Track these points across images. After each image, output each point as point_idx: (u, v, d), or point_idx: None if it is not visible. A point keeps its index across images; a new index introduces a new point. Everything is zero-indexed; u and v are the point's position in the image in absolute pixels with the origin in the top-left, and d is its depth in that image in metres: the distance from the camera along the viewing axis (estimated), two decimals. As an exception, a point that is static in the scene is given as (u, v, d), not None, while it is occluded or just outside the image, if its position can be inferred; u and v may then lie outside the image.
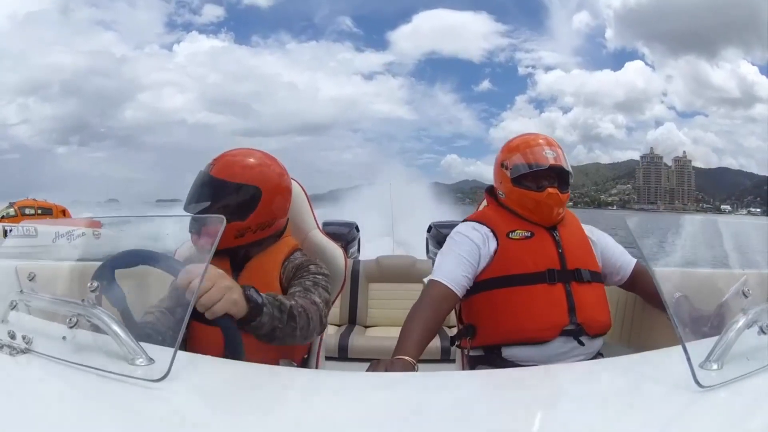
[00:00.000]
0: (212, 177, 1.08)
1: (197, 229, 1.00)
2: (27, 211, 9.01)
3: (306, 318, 0.96)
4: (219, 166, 1.10)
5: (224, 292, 0.82)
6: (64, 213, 9.15)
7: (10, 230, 7.16)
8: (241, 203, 1.08)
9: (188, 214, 1.08)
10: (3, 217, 8.43)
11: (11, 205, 9.21)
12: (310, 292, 1.03)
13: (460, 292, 1.15)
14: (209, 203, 1.07)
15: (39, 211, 9.07)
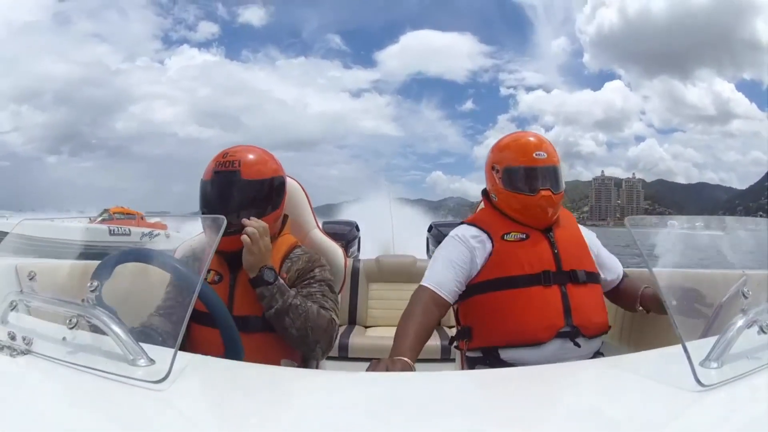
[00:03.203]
0: (247, 180, 1.09)
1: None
2: (117, 216, 11.59)
3: (316, 316, 1.03)
4: (244, 168, 1.09)
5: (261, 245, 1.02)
6: (142, 218, 11.17)
7: (113, 230, 9.78)
8: (276, 193, 1.14)
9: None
10: (104, 219, 10.64)
11: (106, 211, 12.13)
12: (322, 298, 1.09)
13: (449, 297, 1.15)
14: (252, 204, 1.09)
15: (122, 216, 11.85)
